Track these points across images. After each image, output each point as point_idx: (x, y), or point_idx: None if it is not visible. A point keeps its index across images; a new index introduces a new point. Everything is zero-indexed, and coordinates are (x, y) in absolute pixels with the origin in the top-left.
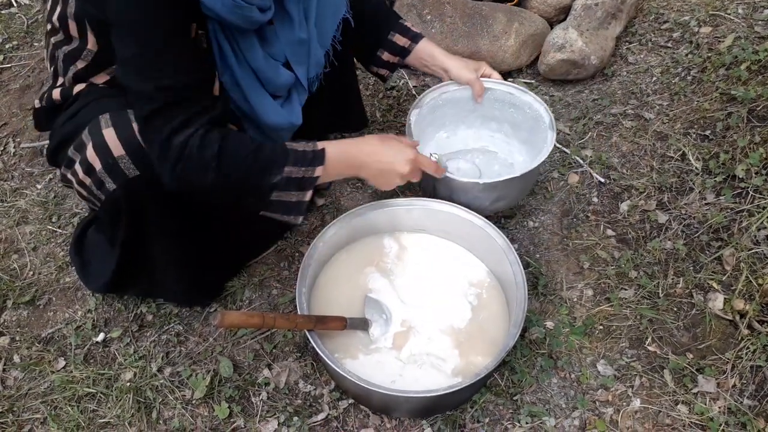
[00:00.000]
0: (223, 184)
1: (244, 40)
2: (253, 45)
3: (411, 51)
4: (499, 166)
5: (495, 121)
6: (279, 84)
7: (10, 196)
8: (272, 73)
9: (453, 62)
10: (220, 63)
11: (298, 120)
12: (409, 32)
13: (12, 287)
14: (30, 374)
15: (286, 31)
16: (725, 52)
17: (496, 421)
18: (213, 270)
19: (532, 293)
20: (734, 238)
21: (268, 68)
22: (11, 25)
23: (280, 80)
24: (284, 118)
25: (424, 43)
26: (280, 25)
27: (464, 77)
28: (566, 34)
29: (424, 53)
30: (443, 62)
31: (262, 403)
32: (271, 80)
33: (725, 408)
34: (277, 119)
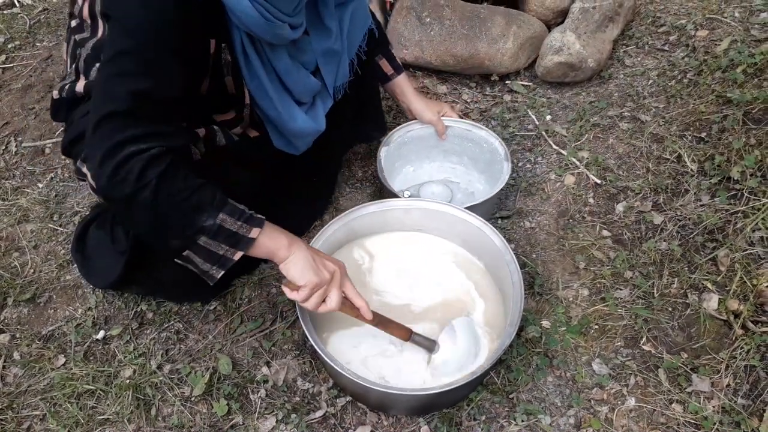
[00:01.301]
0: (153, 208)
1: (273, 52)
2: (282, 55)
3: (392, 80)
4: (462, 195)
5: (455, 154)
6: (305, 91)
7: (11, 195)
8: (300, 81)
9: (418, 104)
10: (247, 72)
11: (322, 126)
12: (394, 62)
13: (13, 285)
14: (30, 371)
15: (322, 42)
16: (721, 55)
17: (492, 419)
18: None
19: (528, 293)
20: (729, 239)
21: (297, 76)
22: (13, 25)
23: (307, 88)
24: (309, 125)
25: (402, 77)
26: (316, 36)
27: (425, 118)
28: (564, 37)
29: (399, 87)
30: (410, 101)
31: (261, 401)
32: (298, 88)
33: (719, 407)
34: (302, 125)
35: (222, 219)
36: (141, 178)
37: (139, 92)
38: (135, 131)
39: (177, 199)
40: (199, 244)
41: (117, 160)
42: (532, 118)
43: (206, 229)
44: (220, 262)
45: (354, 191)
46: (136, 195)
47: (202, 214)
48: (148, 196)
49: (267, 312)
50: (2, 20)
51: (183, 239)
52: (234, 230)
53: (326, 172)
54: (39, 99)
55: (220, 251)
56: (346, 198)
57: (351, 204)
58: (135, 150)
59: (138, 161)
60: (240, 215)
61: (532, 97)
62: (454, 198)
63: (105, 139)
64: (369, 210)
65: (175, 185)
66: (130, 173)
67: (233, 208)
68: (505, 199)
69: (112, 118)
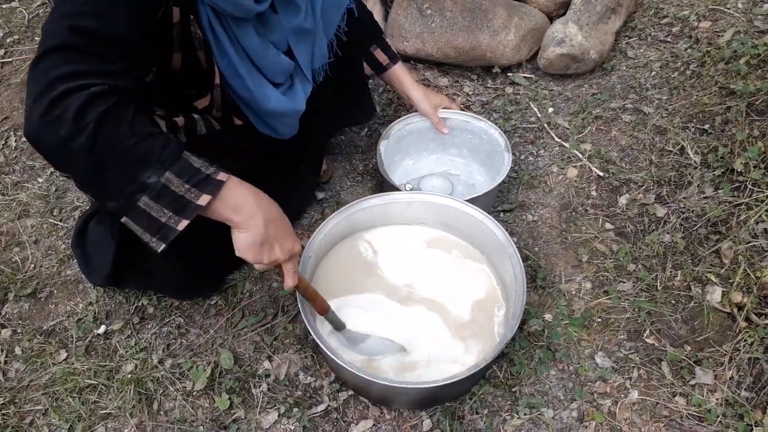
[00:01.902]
0: (87, 157)
1: (238, 27)
2: (249, 31)
3: (388, 69)
4: (462, 187)
5: (455, 146)
6: (277, 71)
7: (11, 190)
8: (270, 59)
9: (416, 93)
10: (216, 49)
11: (301, 106)
12: (389, 51)
13: (14, 280)
14: (32, 366)
15: (290, 20)
16: (724, 46)
17: (494, 412)
18: (212, 262)
19: (530, 286)
20: (732, 231)
21: (265, 55)
22: (12, 20)
23: (277, 67)
24: (284, 104)
25: (399, 67)
26: (284, 13)
27: (421, 108)
28: (566, 28)
29: (396, 76)
30: (408, 89)
31: (263, 395)
32: (269, 67)
33: (723, 400)
34: (277, 104)
35: (167, 179)
36: (78, 118)
37: (80, 27)
38: (74, 66)
39: (119, 148)
40: (139, 208)
41: (51, 97)
42: (534, 110)
43: (148, 186)
44: (161, 232)
45: (355, 185)
46: (72, 139)
47: (146, 168)
48: (84, 141)
49: (268, 306)
50: (1, 14)
51: (121, 199)
52: (180, 193)
53: (312, 158)
54: None
55: (162, 218)
56: (347, 191)
57: (352, 197)
58: (73, 86)
59: (76, 98)
60: (191, 176)
61: (534, 90)
62: (454, 190)
63: (40, 75)
64: (370, 203)
65: (118, 130)
66: (65, 112)
67: (185, 165)
68: (507, 192)
69: (51, 53)
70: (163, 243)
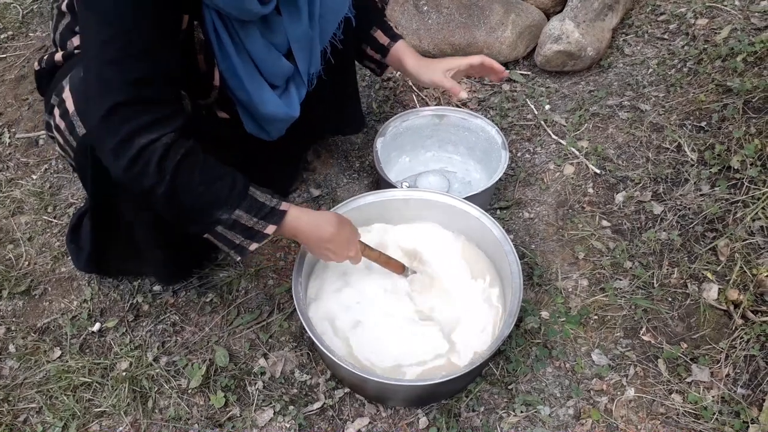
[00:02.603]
0: (170, 201)
1: (243, 29)
2: (254, 34)
3: (389, 50)
4: (459, 184)
5: (451, 144)
6: (278, 74)
7: (5, 187)
8: (272, 62)
9: (414, 63)
10: (218, 52)
11: (296, 112)
12: (390, 31)
13: (7, 277)
14: (25, 364)
15: (294, 24)
16: (721, 43)
17: (491, 409)
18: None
19: (527, 283)
20: (729, 228)
21: (268, 57)
22: (6, 15)
23: (279, 70)
24: (281, 109)
25: (400, 43)
26: (288, 16)
27: (422, 78)
28: (563, 25)
29: (397, 54)
30: (407, 63)
31: (258, 393)
32: (270, 69)
33: (719, 397)
34: (274, 109)
35: (238, 215)
36: (159, 171)
37: (134, 79)
38: (141, 120)
39: (194, 193)
40: (217, 232)
41: (131, 154)
42: (531, 107)
43: (222, 221)
44: (237, 249)
45: (351, 182)
46: (155, 189)
47: (218, 209)
48: (165, 190)
49: (264, 304)
50: None
51: (201, 226)
52: (249, 226)
53: (285, 162)
54: (32, 90)
55: (236, 240)
56: (343, 189)
57: (349, 195)
58: (146, 142)
59: (153, 153)
60: (258, 211)
61: (531, 87)
62: (451, 188)
63: (113, 132)
64: (367, 200)
65: (192, 178)
66: (147, 166)
67: (252, 203)
68: (504, 189)
69: (116, 109)
70: (239, 256)
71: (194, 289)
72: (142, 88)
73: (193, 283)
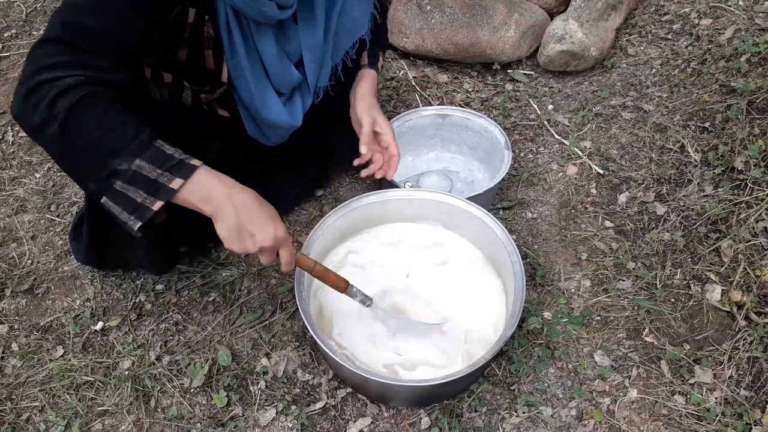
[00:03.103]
0: (60, 145)
1: (258, 31)
2: (267, 37)
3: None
4: (461, 184)
5: (454, 143)
6: (285, 81)
7: (8, 185)
8: (282, 69)
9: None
10: (228, 49)
11: (298, 121)
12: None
13: (10, 276)
14: (28, 362)
15: (309, 34)
16: (725, 44)
17: (493, 410)
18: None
19: (530, 284)
20: (732, 229)
21: (279, 64)
22: (10, 14)
23: (287, 78)
24: (283, 117)
25: (371, 71)
26: (303, 25)
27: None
28: (566, 25)
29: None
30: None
31: (261, 392)
32: (279, 76)
33: (722, 399)
34: (276, 116)
35: (138, 165)
36: (51, 108)
37: (77, 23)
38: (56, 58)
39: (87, 138)
40: (116, 190)
41: (30, 85)
42: (534, 107)
43: (120, 172)
44: (138, 211)
45: (353, 182)
46: (44, 126)
47: (114, 157)
48: (56, 129)
49: (266, 303)
50: None
51: (98, 181)
52: (153, 178)
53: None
54: None
55: (138, 198)
56: (345, 188)
57: (351, 194)
58: (50, 77)
59: (51, 88)
60: (164, 162)
61: (534, 87)
62: (453, 187)
63: (29, 64)
64: (369, 201)
65: (87, 122)
66: (41, 100)
67: (156, 152)
68: (507, 189)
69: (43, 44)
70: (139, 221)
71: (197, 288)
72: (77, 33)
73: (195, 282)
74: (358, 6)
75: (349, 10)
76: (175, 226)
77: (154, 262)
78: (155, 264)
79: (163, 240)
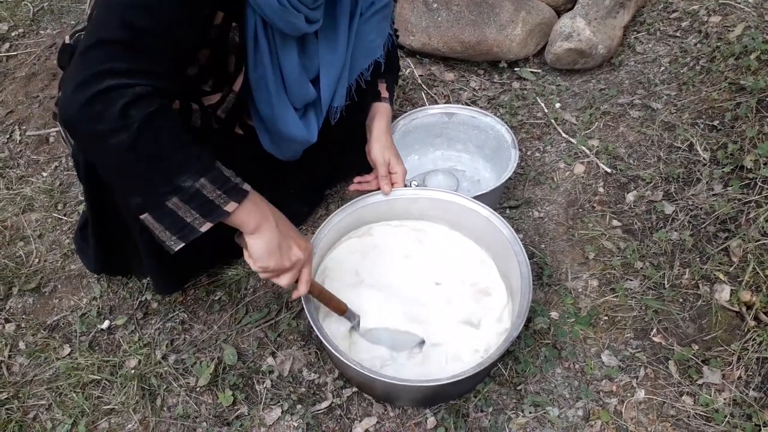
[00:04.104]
0: (128, 155)
1: (283, 44)
2: (292, 52)
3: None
4: (468, 183)
5: (460, 142)
6: (301, 97)
7: (15, 184)
8: (300, 84)
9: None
10: (252, 59)
11: (313, 137)
12: (391, 92)
13: (18, 274)
14: (35, 361)
15: (329, 51)
16: (735, 41)
17: (499, 410)
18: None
19: (536, 283)
20: (742, 229)
21: (298, 78)
22: (17, 13)
23: (304, 93)
24: (301, 132)
25: (386, 105)
26: (324, 42)
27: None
28: (574, 23)
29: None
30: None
31: (266, 391)
32: (296, 91)
33: (730, 399)
34: (294, 130)
35: (202, 184)
36: (123, 117)
37: (135, 23)
38: (122, 64)
39: (159, 151)
40: (167, 207)
41: (94, 90)
42: (541, 105)
43: (182, 189)
44: (183, 232)
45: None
46: (111, 135)
47: (182, 173)
48: (125, 139)
49: (272, 302)
50: (6, 8)
51: (150, 196)
52: (211, 198)
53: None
54: (43, 87)
55: (188, 218)
56: None
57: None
58: (117, 84)
59: (120, 96)
60: (223, 183)
61: (541, 85)
62: (459, 186)
63: (87, 66)
64: (375, 199)
65: (161, 135)
66: (109, 107)
67: (218, 174)
68: (513, 188)
69: (100, 46)
70: (181, 242)
71: (203, 287)
72: (137, 34)
73: (201, 281)
74: (376, 28)
75: (367, 32)
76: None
77: (157, 284)
78: (158, 285)
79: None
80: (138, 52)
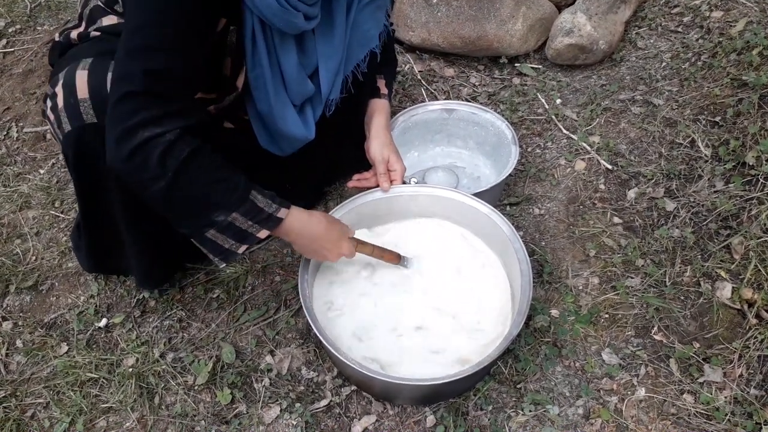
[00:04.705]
0: (167, 199)
1: (282, 43)
2: (290, 50)
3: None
4: (467, 180)
5: (460, 138)
6: (300, 93)
7: (12, 181)
8: (299, 81)
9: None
10: (251, 59)
11: (311, 134)
12: (390, 87)
13: (15, 272)
14: (33, 359)
15: (326, 46)
16: (737, 37)
17: (499, 408)
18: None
19: (537, 281)
20: (743, 226)
21: (298, 75)
22: (14, 9)
23: (303, 90)
24: (300, 129)
25: (386, 102)
26: (321, 37)
27: (370, 153)
28: (575, 18)
29: (375, 106)
30: (375, 121)
31: (265, 390)
32: (295, 88)
33: (731, 398)
34: (293, 128)
35: (234, 217)
36: (161, 166)
37: (153, 71)
38: (150, 112)
39: (195, 192)
40: (207, 237)
41: (133, 144)
42: (541, 101)
43: (216, 223)
44: (224, 255)
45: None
46: (151, 183)
47: (215, 211)
48: (163, 186)
49: (270, 300)
50: (3, 4)
51: (192, 229)
52: (243, 228)
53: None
54: (40, 84)
55: (226, 245)
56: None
57: (356, 190)
58: (150, 135)
59: (155, 147)
60: (255, 215)
61: (541, 81)
62: (459, 183)
63: (120, 120)
64: (375, 196)
65: (193, 181)
66: (148, 159)
67: (251, 206)
68: (514, 185)
69: (128, 98)
70: (224, 263)
71: (201, 285)
72: (158, 80)
73: (199, 279)
74: (371, 17)
75: (362, 22)
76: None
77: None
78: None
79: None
80: (163, 97)
